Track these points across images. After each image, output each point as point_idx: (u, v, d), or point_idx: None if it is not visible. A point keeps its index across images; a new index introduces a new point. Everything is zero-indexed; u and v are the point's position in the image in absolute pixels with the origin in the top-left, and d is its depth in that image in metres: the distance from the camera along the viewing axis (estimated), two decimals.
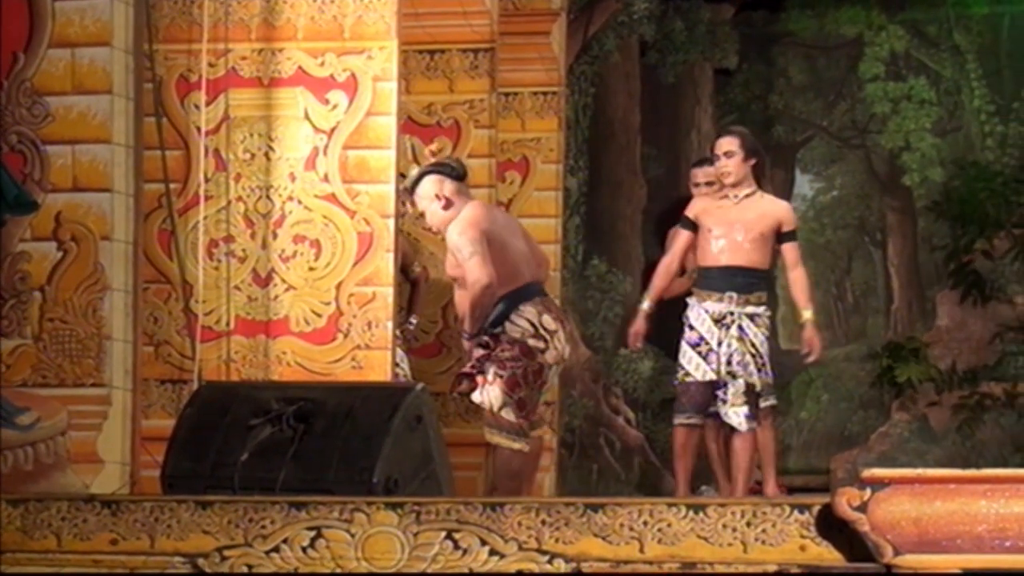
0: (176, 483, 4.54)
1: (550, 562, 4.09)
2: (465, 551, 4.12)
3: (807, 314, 6.87)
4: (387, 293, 6.16)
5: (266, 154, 6.15)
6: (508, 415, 6.19)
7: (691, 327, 6.75)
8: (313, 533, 4.14)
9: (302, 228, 6.07)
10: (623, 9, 9.72)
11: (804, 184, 10.07)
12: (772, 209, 6.92)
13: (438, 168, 6.47)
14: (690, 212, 6.91)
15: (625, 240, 9.77)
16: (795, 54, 10.22)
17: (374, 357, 6.00)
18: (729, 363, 6.69)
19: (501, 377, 6.17)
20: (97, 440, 5.08)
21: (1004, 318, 9.57)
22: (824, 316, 7.35)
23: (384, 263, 6.10)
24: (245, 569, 4.13)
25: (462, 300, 6.37)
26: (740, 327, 6.72)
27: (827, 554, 4.05)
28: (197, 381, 5.70)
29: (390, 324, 6.07)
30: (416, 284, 7.24)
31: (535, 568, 4.09)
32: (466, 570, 4.10)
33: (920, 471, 4.07)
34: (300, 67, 6.22)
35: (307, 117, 6.19)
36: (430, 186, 6.39)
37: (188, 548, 4.16)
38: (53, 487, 4.95)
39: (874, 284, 9.97)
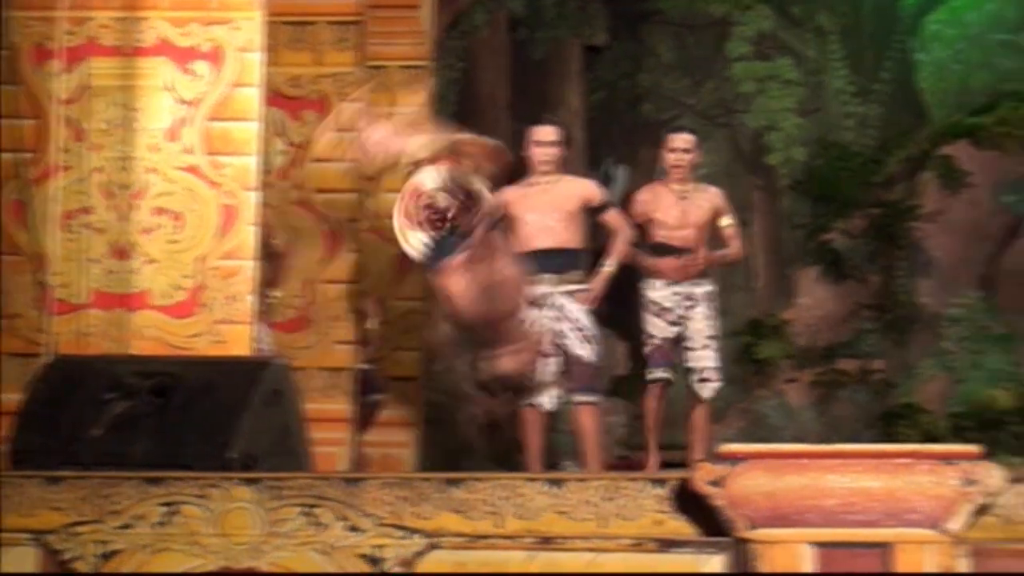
0: (24, 458, 4.45)
1: (407, 537, 4.08)
2: (322, 526, 4.09)
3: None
4: (250, 267, 6.08)
5: (126, 125, 6.04)
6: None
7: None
8: (167, 509, 4.08)
9: (163, 200, 5.97)
10: None
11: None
12: (577, 189, 7.23)
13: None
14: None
15: None
16: (664, 32, 10.30)
17: (236, 331, 5.93)
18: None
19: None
20: None
21: (859, 296, 9.75)
22: None
23: (247, 236, 6.03)
24: (96, 546, 4.07)
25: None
26: (560, 305, 7.00)
27: (683, 528, 4.09)
28: (50, 355, 5.59)
29: (252, 298, 6.01)
30: (279, 257, 7.16)
31: (392, 543, 4.08)
32: (323, 546, 4.08)
33: (774, 446, 4.13)
34: (163, 37, 6.11)
35: (170, 88, 6.09)
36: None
37: (36, 525, 4.09)
38: None
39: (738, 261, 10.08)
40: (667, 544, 4.06)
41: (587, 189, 7.28)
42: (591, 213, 7.18)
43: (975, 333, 9.64)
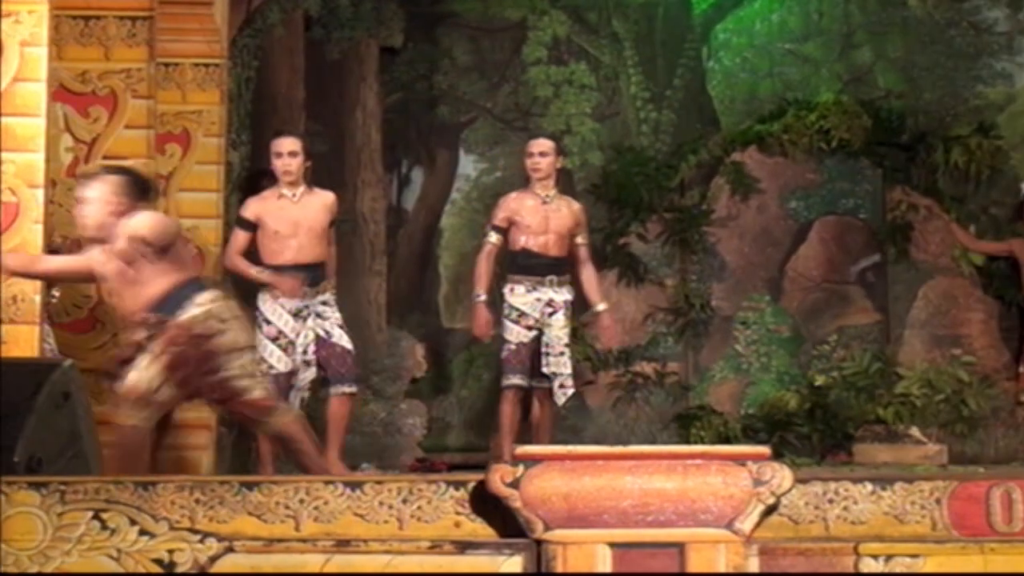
0: None
1: (202, 541, 4.00)
2: (113, 531, 3.99)
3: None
4: None
5: None
6: (163, 395, 5.96)
7: (268, 322, 7.13)
8: None
9: None
10: None
11: (468, 164, 10.18)
12: (325, 202, 7.36)
13: (132, 175, 6.17)
14: (247, 213, 7.29)
15: None
16: (460, 35, 10.31)
17: (20, 332, 5.77)
18: (305, 352, 7.13)
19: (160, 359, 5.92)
20: None
21: (656, 299, 9.90)
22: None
23: (32, 234, 5.88)
24: None
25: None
26: (317, 314, 7.17)
27: (481, 530, 4.09)
28: None
29: (38, 298, 5.85)
30: (59, 255, 6.98)
31: (186, 548, 3.99)
32: (114, 551, 3.97)
33: (570, 448, 4.15)
34: None
35: None
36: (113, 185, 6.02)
37: None
38: None
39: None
40: (465, 546, 4.05)
41: (331, 202, 7.38)
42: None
43: (764, 336, 9.87)
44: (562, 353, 7.38)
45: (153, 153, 7.60)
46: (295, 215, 7.19)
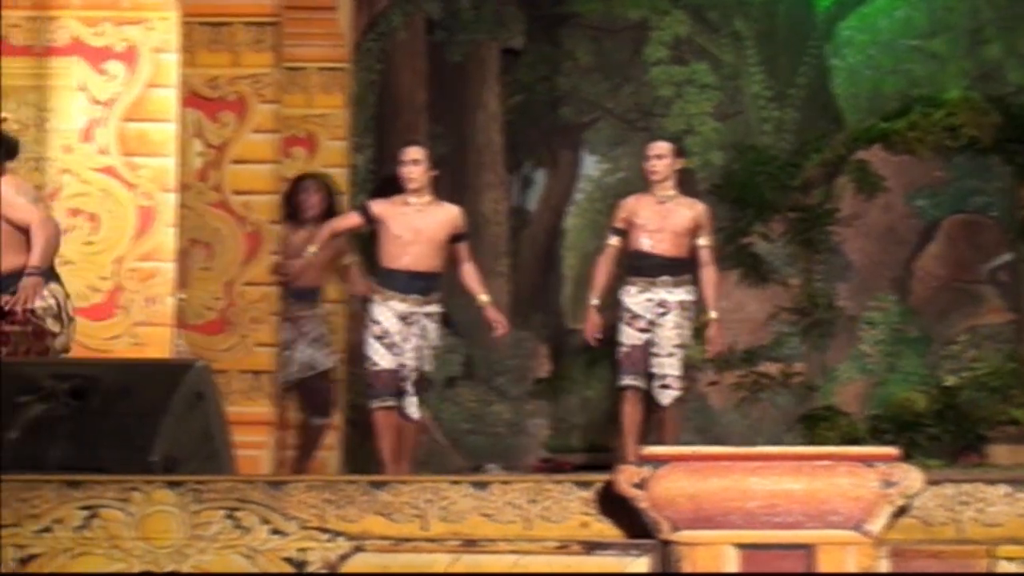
0: None
1: (332, 540, 4.06)
2: (246, 530, 4.06)
3: (483, 298, 7.47)
4: (169, 269, 6.06)
5: (39, 125, 5.97)
6: None
7: (375, 321, 7.16)
8: (87, 513, 4.03)
9: (78, 201, 5.92)
10: None
11: (590, 165, 10.19)
12: (447, 216, 7.38)
13: None
14: (373, 208, 7.33)
15: None
16: (582, 36, 10.32)
17: (154, 333, 5.90)
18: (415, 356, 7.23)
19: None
20: None
21: (780, 299, 9.84)
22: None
23: (166, 238, 6.00)
24: (15, 550, 4.01)
25: (35, 240, 5.62)
26: (423, 326, 7.23)
27: (608, 530, 4.10)
28: None
29: (171, 300, 5.97)
30: (184, 258, 7.13)
31: (316, 547, 4.05)
32: (246, 549, 4.04)
33: (696, 449, 4.15)
34: (76, 36, 6.06)
35: (83, 88, 6.03)
36: None
37: None
38: None
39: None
40: (592, 546, 4.06)
41: (456, 216, 7.42)
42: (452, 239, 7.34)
43: (891, 336, 9.76)
44: (671, 354, 7.34)
45: (280, 156, 7.72)
46: (417, 223, 7.24)
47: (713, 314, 7.55)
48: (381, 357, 7.11)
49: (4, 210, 5.52)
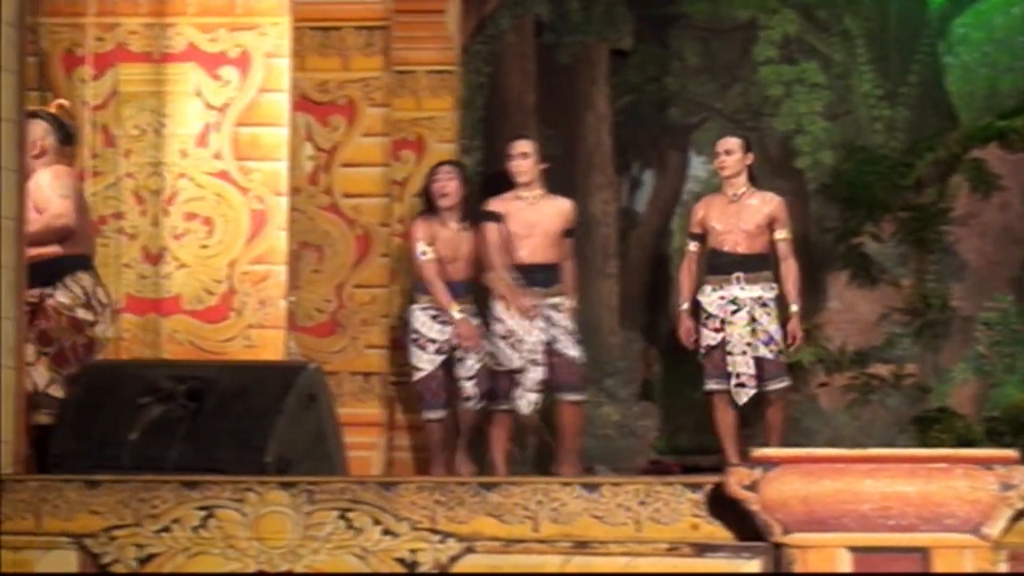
0: (62, 462, 4.47)
1: (443, 541, 4.08)
2: (358, 530, 4.10)
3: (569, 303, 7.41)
4: (281, 271, 6.12)
5: (157, 130, 6.07)
6: (58, 392, 5.42)
7: (499, 320, 7.17)
8: (204, 513, 4.09)
9: (194, 205, 6.00)
10: None
11: (698, 166, 10.12)
12: (560, 208, 7.45)
13: (55, 119, 5.75)
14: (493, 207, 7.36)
15: None
16: (690, 36, 10.26)
17: (267, 336, 5.96)
18: (533, 352, 7.17)
19: (46, 354, 5.51)
20: None
21: (891, 300, 9.72)
22: None
23: (278, 241, 6.07)
24: (134, 549, 4.08)
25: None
26: (547, 317, 7.21)
27: (718, 532, 4.09)
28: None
29: (284, 303, 6.03)
30: (295, 261, 7.18)
31: (428, 548, 4.08)
32: (359, 550, 4.08)
33: (808, 451, 4.13)
34: (191, 42, 6.15)
35: (198, 93, 6.12)
36: (36, 130, 5.63)
37: (75, 528, 4.10)
38: None
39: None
40: (703, 549, 4.05)
41: (568, 210, 7.49)
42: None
43: (1008, 337, 9.59)
44: (743, 352, 7.25)
45: (389, 160, 7.78)
46: (531, 217, 7.28)
47: (794, 308, 7.42)
48: (507, 358, 7.12)
49: (35, 198, 5.55)
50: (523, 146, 7.43)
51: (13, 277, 5.01)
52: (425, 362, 7.14)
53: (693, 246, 7.57)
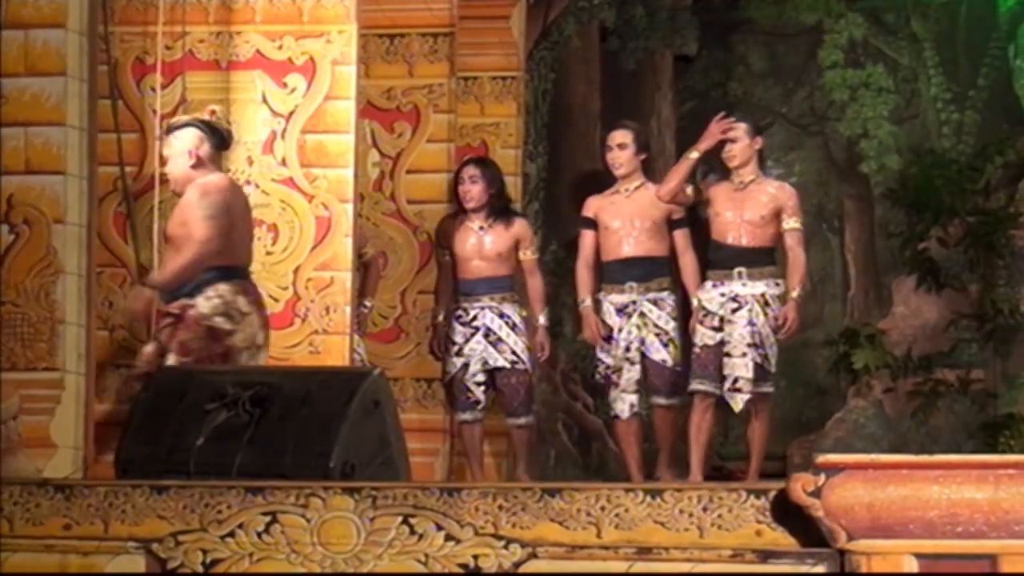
0: (131, 468, 4.51)
1: (506, 547, 4.09)
2: (421, 536, 4.11)
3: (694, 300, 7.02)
4: (345, 278, 6.15)
5: None
6: None
7: (602, 320, 7.01)
8: (269, 518, 4.12)
9: (259, 212, 6.04)
10: None
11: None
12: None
13: (207, 126, 5.82)
14: (588, 211, 7.13)
15: None
16: (755, 41, 10.26)
17: (332, 342, 5.99)
18: (628, 350, 6.96)
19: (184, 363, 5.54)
20: (50, 424, 5.03)
21: (958, 305, 9.64)
22: None
23: (342, 248, 6.09)
24: (200, 554, 4.12)
25: (174, 259, 5.72)
26: (642, 313, 6.97)
27: (782, 539, 4.07)
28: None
29: (348, 309, 6.06)
30: (369, 267, 7.20)
31: (491, 553, 4.09)
32: (422, 555, 4.10)
33: (873, 457, 4.10)
34: (258, 50, 6.20)
35: (265, 101, 6.17)
36: (190, 139, 5.73)
37: (142, 533, 4.14)
38: (6, 471, 4.92)
39: (831, 271, 10.03)
40: (766, 555, 4.03)
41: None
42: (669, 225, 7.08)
43: None
44: (744, 354, 6.74)
45: (453, 166, 7.80)
46: (628, 209, 7.04)
47: (794, 293, 6.86)
48: (605, 356, 6.99)
49: (184, 213, 5.66)
50: (620, 136, 7.16)
51: (83, 284, 5.09)
52: (450, 364, 7.09)
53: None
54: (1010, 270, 9.62)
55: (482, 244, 7.17)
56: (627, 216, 7.04)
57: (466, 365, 7.09)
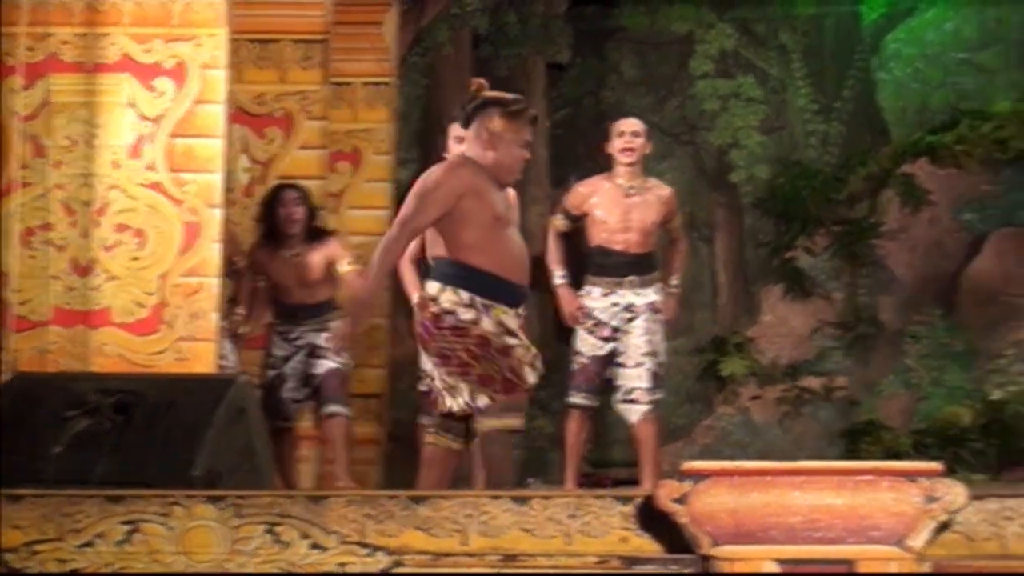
0: None
1: (371, 555, 4.07)
2: (286, 544, 4.08)
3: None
4: (213, 284, 6.07)
5: (88, 141, 6.01)
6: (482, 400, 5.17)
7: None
8: (129, 527, 4.06)
9: (125, 217, 5.95)
10: (456, 2, 9.72)
11: None
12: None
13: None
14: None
15: None
16: (627, 50, 10.33)
17: (199, 349, 5.91)
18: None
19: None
20: None
21: (823, 313, 9.80)
22: None
23: (211, 253, 6.01)
24: (57, 564, 4.04)
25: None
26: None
27: (648, 545, 4.09)
28: (11, 372, 5.55)
29: (216, 315, 5.99)
30: (240, 275, 7.13)
31: (356, 562, 4.06)
32: (286, 564, 4.06)
33: (738, 464, 4.15)
34: (126, 53, 6.10)
35: (132, 104, 6.07)
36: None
37: None
38: None
39: (702, 279, 10.12)
40: (632, 561, 4.06)
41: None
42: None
43: (936, 350, 9.70)
44: (639, 364, 6.64)
45: (326, 172, 7.75)
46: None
47: (675, 280, 6.85)
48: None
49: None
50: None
51: None
52: (267, 374, 7.02)
53: (562, 223, 6.95)
54: (872, 279, 9.80)
55: (302, 271, 7.00)
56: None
57: (283, 377, 6.96)
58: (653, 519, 4.08)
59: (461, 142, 6.74)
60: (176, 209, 6.01)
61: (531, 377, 5.24)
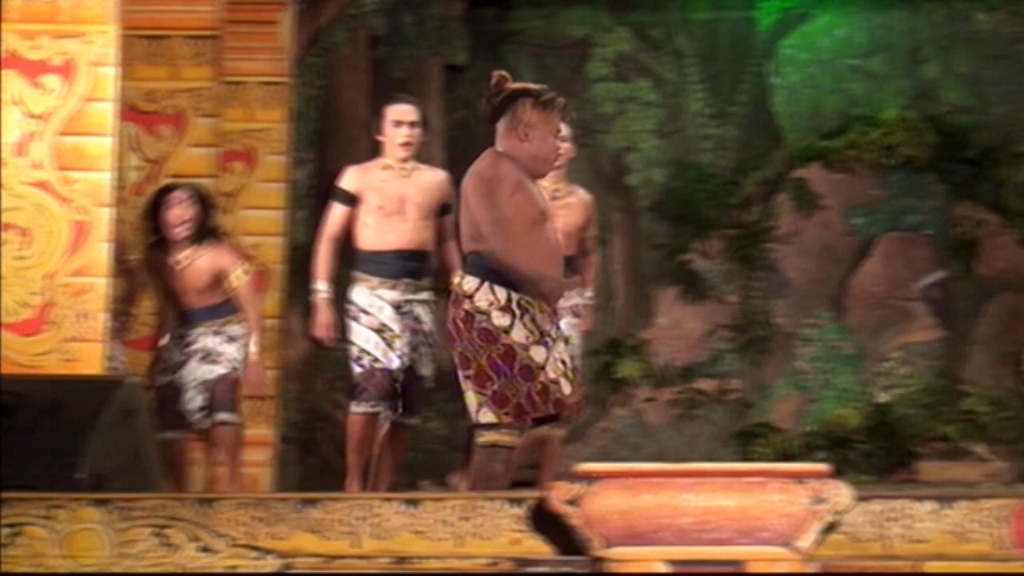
0: None
1: (261, 558, 4.03)
2: (174, 547, 4.03)
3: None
4: (102, 284, 5.99)
5: None
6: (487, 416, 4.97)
7: (366, 312, 6.44)
8: (11, 530, 3.99)
9: (10, 216, 5.86)
10: (353, 2, 9.68)
11: None
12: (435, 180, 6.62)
13: None
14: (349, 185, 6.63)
15: None
16: (524, 52, 10.34)
17: (86, 349, 5.83)
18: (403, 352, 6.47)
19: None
20: None
21: (717, 316, 9.88)
22: None
23: (99, 253, 5.94)
24: None
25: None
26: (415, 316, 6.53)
27: (539, 547, 4.10)
28: None
29: (104, 316, 5.91)
30: (132, 275, 7.02)
31: (245, 564, 4.02)
32: (174, 567, 4.01)
33: (629, 465, 4.17)
34: (11, 49, 6.00)
35: (18, 101, 5.98)
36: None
37: None
38: None
39: (598, 281, 10.13)
40: (524, 563, 4.06)
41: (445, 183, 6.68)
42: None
43: (826, 353, 9.82)
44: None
45: (218, 171, 7.68)
46: (400, 191, 6.56)
47: (590, 294, 6.81)
48: (382, 354, 6.37)
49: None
50: (411, 113, 6.69)
51: None
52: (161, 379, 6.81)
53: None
54: (765, 282, 9.90)
55: (191, 278, 6.78)
56: (399, 198, 6.59)
57: (177, 386, 6.76)
58: (545, 521, 4.08)
59: (398, 126, 6.66)
60: (64, 208, 5.93)
61: (565, 388, 4.97)
